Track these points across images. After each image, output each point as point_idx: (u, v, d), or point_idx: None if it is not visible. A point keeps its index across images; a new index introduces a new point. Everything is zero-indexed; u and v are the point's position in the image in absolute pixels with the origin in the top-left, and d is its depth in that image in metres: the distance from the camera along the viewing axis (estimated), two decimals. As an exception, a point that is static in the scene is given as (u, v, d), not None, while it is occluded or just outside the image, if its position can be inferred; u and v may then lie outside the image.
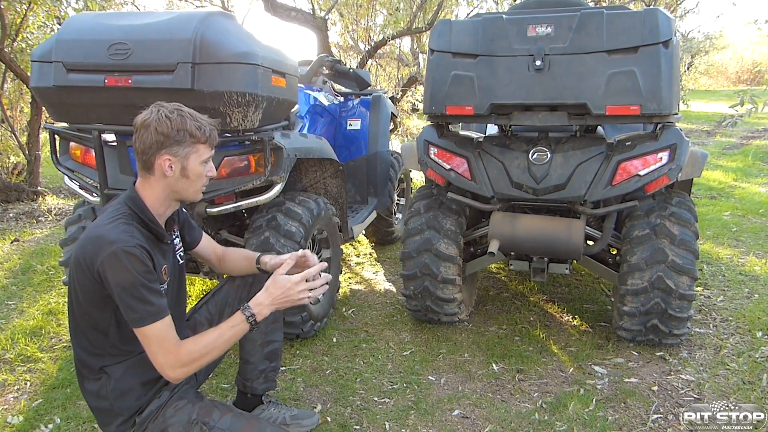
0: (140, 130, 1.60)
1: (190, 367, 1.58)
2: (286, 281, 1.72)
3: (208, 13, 2.32)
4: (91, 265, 1.52)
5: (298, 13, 6.97)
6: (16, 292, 3.70)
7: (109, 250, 1.49)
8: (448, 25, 2.58)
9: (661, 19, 2.26)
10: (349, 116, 4.13)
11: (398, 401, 2.43)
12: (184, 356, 1.56)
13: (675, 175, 2.45)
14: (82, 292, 1.58)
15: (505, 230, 2.69)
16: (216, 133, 1.69)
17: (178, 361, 1.55)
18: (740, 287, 3.50)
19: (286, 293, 1.72)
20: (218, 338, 1.63)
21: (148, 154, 1.60)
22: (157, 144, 1.59)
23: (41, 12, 6.11)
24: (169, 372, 1.55)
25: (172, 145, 1.60)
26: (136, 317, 1.52)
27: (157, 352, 1.54)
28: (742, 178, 6.79)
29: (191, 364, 1.58)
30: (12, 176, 6.71)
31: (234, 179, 2.52)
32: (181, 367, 1.56)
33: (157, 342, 1.54)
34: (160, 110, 1.61)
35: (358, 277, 4.01)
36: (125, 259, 1.49)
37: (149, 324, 1.52)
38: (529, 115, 2.55)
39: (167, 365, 1.55)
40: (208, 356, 1.62)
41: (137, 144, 1.61)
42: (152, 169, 1.63)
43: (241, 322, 1.67)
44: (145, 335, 1.54)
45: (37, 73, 2.40)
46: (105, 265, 1.49)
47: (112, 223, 1.57)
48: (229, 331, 1.66)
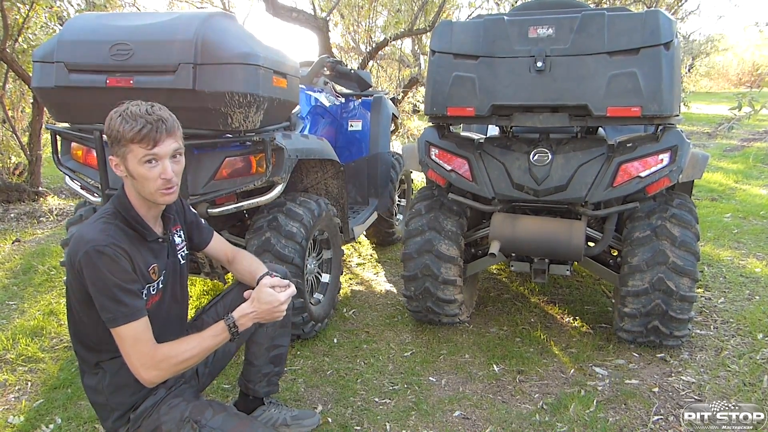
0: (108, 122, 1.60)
1: (164, 371, 1.56)
2: (273, 299, 1.72)
3: (209, 14, 2.32)
4: (73, 264, 1.54)
5: (299, 14, 6.97)
6: (17, 292, 3.71)
7: (84, 249, 1.50)
8: (450, 27, 2.58)
9: (663, 21, 2.26)
10: (350, 117, 4.13)
11: (399, 402, 2.43)
12: (159, 358, 1.55)
13: (676, 176, 2.45)
14: (71, 289, 1.60)
15: (505, 231, 2.69)
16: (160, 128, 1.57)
17: (153, 363, 1.54)
18: (741, 289, 3.50)
19: (271, 310, 1.72)
20: (198, 345, 1.62)
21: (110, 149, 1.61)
22: (110, 139, 1.58)
23: (43, 12, 6.12)
24: (143, 373, 1.53)
25: (114, 145, 1.58)
26: (109, 317, 1.52)
27: (131, 353, 1.53)
28: (742, 180, 6.78)
29: (167, 368, 1.56)
30: (13, 176, 6.72)
31: (235, 180, 2.52)
32: (155, 370, 1.54)
33: (130, 343, 1.53)
34: (116, 110, 1.59)
35: (358, 278, 4.01)
36: (97, 259, 1.50)
37: (122, 324, 1.52)
38: (530, 117, 2.55)
39: (140, 366, 1.53)
40: (186, 363, 1.60)
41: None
42: (114, 164, 1.62)
43: (223, 331, 1.66)
44: (119, 335, 1.53)
45: (39, 74, 2.41)
46: (82, 264, 1.51)
47: (94, 223, 1.59)
48: (210, 339, 1.65)
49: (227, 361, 2.08)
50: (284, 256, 2.64)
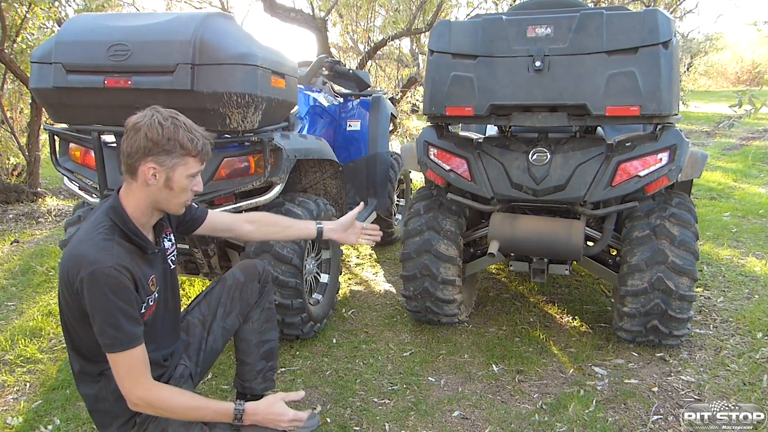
0: (130, 132, 1.54)
1: (155, 409, 1.54)
2: (284, 412, 1.68)
3: (207, 14, 2.32)
4: (71, 283, 1.49)
5: (297, 13, 6.97)
6: (15, 293, 3.70)
7: (88, 270, 1.45)
8: (448, 26, 2.58)
9: (661, 20, 2.26)
10: (349, 117, 4.12)
11: (398, 402, 2.43)
12: (155, 396, 1.52)
13: (675, 175, 2.45)
14: (66, 306, 1.57)
15: (504, 231, 2.69)
16: (209, 148, 1.63)
17: (147, 396, 1.51)
18: (740, 288, 3.50)
19: (277, 420, 1.68)
20: (197, 410, 1.58)
21: (134, 158, 1.54)
22: (144, 149, 1.53)
23: (41, 13, 6.11)
24: (133, 399, 1.51)
25: (160, 153, 1.53)
26: (107, 342, 1.49)
27: (125, 378, 1.51)
28: (741, 179, 6.78)
29: (159, 410, 1.54)
30: (12, 177, 6.71)
31: (233, 180, 2.52)
32: (146, 405, 1.52)
33: (125, 370, 1.50)
34: (154, 115, 1.55)
35: (357, 278, 4.01)
36: (103, 282, 1.45)
37: (119, 352, 1.49)
38: (528, 116, 2.55)
39: (133, 394, 1.51)
40: (176, 414, 1.57)
41: (125, 145, 1.55)
42: (135, 174, 1.57)
43: (226, 415, 1.61)
44: (114, 361, 1.50)
45: (37, 74, 2.40)
46: (83, 285, 1.46)
47: (92, 239, 1.52)
48: (212, 414, 1.61)
49: (215, 359, 2.07)
50: (283, 257, 2.64)
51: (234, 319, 2.04)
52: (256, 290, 2.07)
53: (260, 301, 2.09)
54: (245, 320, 2.08)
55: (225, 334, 2.03)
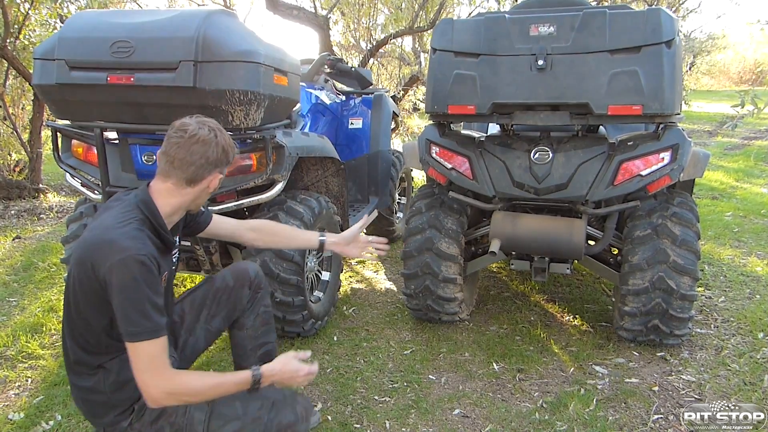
0: (201, 144, 1.58)
1: (177, 397, 1.53)
2: (299, 367, 1.72)
3: (210, 12, 2.32)
4: (97, 269, 1.47)
5: (299, 11, 6.96)
6: (17, 289, 3.71)
7: (119, 256, 1.45)
8: (451, 25, 2.57)
9: (664, 19, 2.26)
10: (351, 115, 4.12)
11: (399, 400, 2.43)
12: (177, 384, 1.51)
13: (677, 175, 2.45)
14: (81, 292, 1.55)
15: (506, 230, 2.69)
16: None
17: (169, 386, 1.50)
18: (742, 288, 3.50)
19: (294, 377, 1.72)
20: (218, 386, 1.59)
21: (204, 169, 1.60)
22: (216, 161, 1.62)
23: (44, 9, 6.12)
24: (154, 392, 1.49)
25: (224, 164, 1.67)
26: (133, 331, 1.47)
27: (145, 370, 1.48)
28: (743, 179, 6.78)
29: (180, 395, 1.53)
30: (14, 173, 6.72)
31: (236, 177, 2.52)
32: (168, 394, 1.50)
33: (147, 360, 1.48)
34: (216, 128, 1.63)
35: (358, 275, 4.01)
36: (136, 268, 1.45)
37: (144, 340, 1.47)
38: (530, 115, 2.55)
39: (153, 385, 1.48)
40: (199, 397, 1.57)
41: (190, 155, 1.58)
42: (198, 183, 1.63)
43: (246, 383, 1.64)
44: (136, 351, 1.48)
45: (40, 71, 2.41)
46: (113, 271, 1.45)
47: (123, 228, 1.52)
48: (233, 386, 1.63)
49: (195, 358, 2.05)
50: (284, 254, 2.65)
51: (220, 322, 2.01)
52: (246, 296, 2.04)
53: (253, 307, 2.06)
54: (239, 327, 2.05)
55: (208, 336, 2.01)
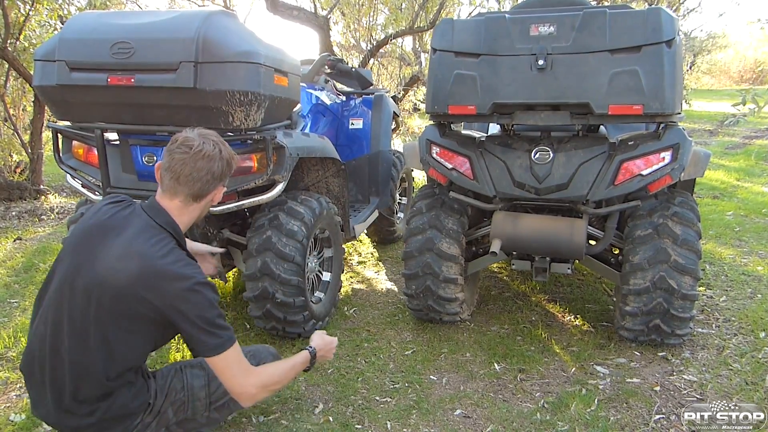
0: (205, 159, 1.59)
1: (268, 388, 1.66)
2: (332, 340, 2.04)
3: (210, 12, 2.32)
4: (154, 299, 1.51)
5: (299, 12, 6.96)
6: (18, 291, 3.71)
7: (186, 284, 1.52)
8: (451, 25, 2.57)
9: (665, 18, 2.25)
10: (351, 115, 4.12)
11: (400, 400, 2.43)
12: (265, 377, 1.64)
13: (678, 174, 2.44)
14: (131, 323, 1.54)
15: (507, 230, 2.68)
16: None
17: (260, 381, 1.61)
18: (743, 287, 3.50)
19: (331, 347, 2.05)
20: (292, 369, 1.79)
21: (210, 184, 1.63)
22: (221, 175, 1.65)
23: (44, 11, 6.12)
24: (252, 390, 1.59)
25: (228, 176, 1.69)
26: (218, 343, 1.54)
27: (238, 374, 1.57)
28: (744, 178, 6.77)
29: (270, 386, 1.66)
30: (14, 175, 6.72)
31: (236, 178, 2.52)
32: (262, 388, 1.63)
33: (237, 364, 1.57)
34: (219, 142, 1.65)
35: (359, 276, 4.01)
36: (206, 291, 1.54)
37: (229, 348, 1.56)
38: (531, 115, 2.55)
39: (250, 384, 1.58)
40: (281, 383, 1.76)
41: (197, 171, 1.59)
42: (204, 198, 1.66)
43: (307, 360, 1.88)
44: (226, 359, 1.55)
45: (40, 72, 2.41)
46: (182, 300, 1.51)
47: (171, 256, 1.56)
48: (300, 366, 1.85)
49: None
50: (285, 255, 2.65)
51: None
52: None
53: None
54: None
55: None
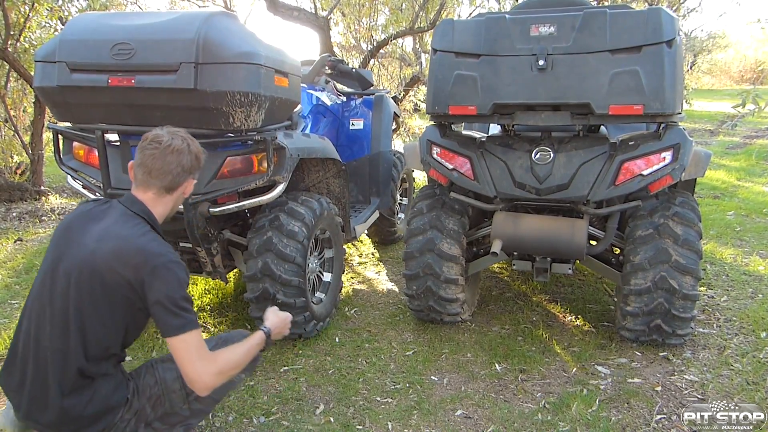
0: (174, 153, 1.69)
1: (224, 374, 1.63)
2: (286, 316, 1.95)
3: (210, 13, 2.32)
4: (129, 275, 1.56)
5: (300, 12, 6.96)
6: (19, 291, 3.71)
7: (159, 260, 1.57)
8: (451, 25, 2.57)
9: (665, 19, 2.25)
10: (352, 116, 4.12)
11: (401, 401, 2.43)
12: (222, 363, 1.62)
13: (678, 174, 2.44)
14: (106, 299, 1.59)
15: (507, 230, 2.68)
16: None
17: (216, 367, 1.60)
18: (744, 287, 3.49)
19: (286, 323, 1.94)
20: (248, 352, 1.73)
21: (180, 176, 1.71)
22: (191, 168, 1.74)
23: (44, 12, 6.12)
24: (207, 378, 1.58)
25: (197, 170, 1.78)
26: (179, 323, 1.56)
27: (195, 359, 1.57)
28: (745, 178, 6.76)
29: (226, 372, 1.64)
30: (15, 176, 6.73)
31: (237, 179, 2.52)
32: (218, 374, 1.60)
33: (195, 349, 1.58)
34: (188, 138, 1.74)
35: (360, 277, 4.01)
36: (177, 269, 1.59)
37: (189, 330, 1.57)
38: (532, 115, 2.55)
39: (205, 371, 1.57)
40: (238, 368, 1.70)
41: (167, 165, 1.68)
42: (176, 190, 1.74)
43: (262, 340, 1.81)
44: (185, 342, 1.56)
45: (41, 73, 2.41)
46: (154, 275, 1.55)
47: (145, 235, 1.62)
48: (256, 347, 1.78)
49: None
50: (286, 255, 2.65)
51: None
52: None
53: None
54: None
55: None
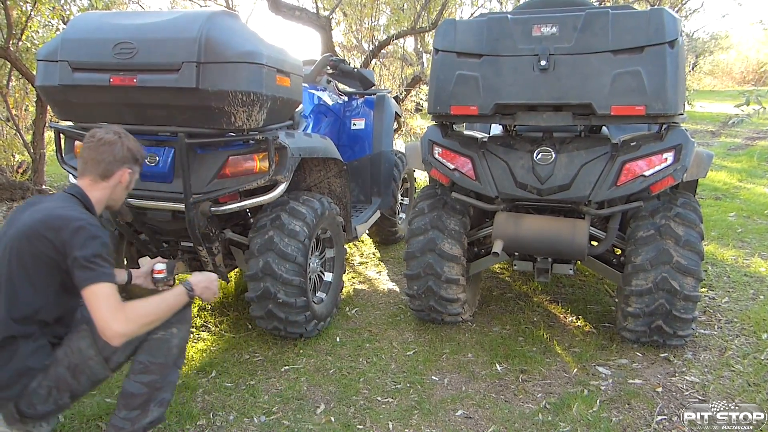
0: (107, 145, 1.91)
1: (134, 322, 1.70)
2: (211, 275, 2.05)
3: (212, 13, 2.32)
4: (55, 238, 1.70)
5: (302, 12, 6.96)
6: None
7: (78, 223, 1.72)
8: (453, 25, 2.57)
9: (667, 19, 2.25)
10: (353, 116, 4.12)
11: (402, 401, 2.43)
12: (130, 311, 1.70)
13: (680, 175, 2.44)
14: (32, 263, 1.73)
15: (509, 230, 2.68)
16: None
17: (124, 315, 1.67)
18: (745, 288, 3.49)
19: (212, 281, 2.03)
20: (162, 303, 1.82)
21: (114, 165, 1.92)
22: (123, 159, 1.94)
23: (46, 11, 6.13)
24: (115, 326, 1.65)
25: (133, 162, 1.98)
26: (90, 275, 1.67)
27: (105, 309, 1.66)
28: (747, 179, 6.75)
29: (136, 319, 1.71)
30: (17, 175, 6.73)
31: (238, 178, 2.52)
32: (126, 321, 1.67)
33: (105, 299, 1.67)
34: (122, 132, 1.97)
35: (361, 276, 4.01)
36: (93, 229, 1.74)
37: (99, 282, 1.67)
38: (533, 115, 2.55)
39: (114, 320, 1.65)
40: (152, 317, 1.77)
41: (99, 155, 1.90)
42: (110, 177, 1.93)
43: (182, 293, 1.90)
44: (94, 293, 1.67)
45: (43, 72, 2.42)
46: (75, 234, 1.70)
47: (73, 208, 1.80)
48: (172, 298, 1.87)
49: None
50: (287, 255, 2.65)
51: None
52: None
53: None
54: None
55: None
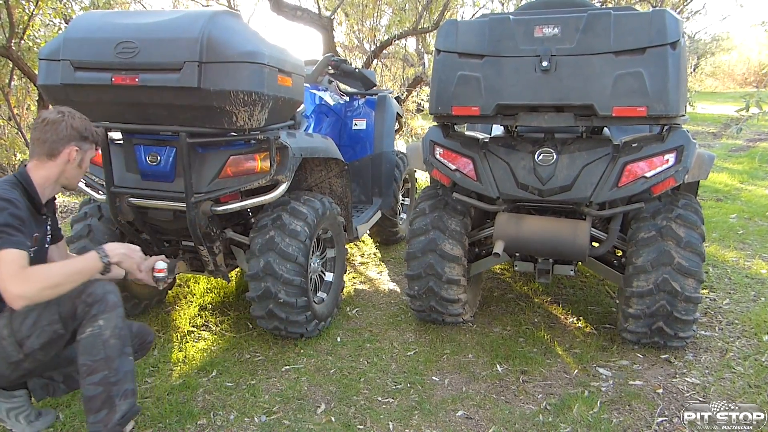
0: (51, 124, 1.92)
1: (34, 284, 1.68)
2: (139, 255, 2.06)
3: (214, 12, 2.33)
4: None
5: (303, 12, 6.97)
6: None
7: None
8: (455, 26, 2.57)
9: (669, 21, 2.25)
10: (355, 116, 4.12)
11: (402, 401, 2.43)
12: (31, 275, 1.71)
13: (681, 177, 2.44)
14: None
15: (510, 231, 2.68)
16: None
17: (25, 278, 1.67)
18: (746, 290, 3.49)
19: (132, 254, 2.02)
20: (70, 267, 1.83)
21: (59, 143, 1.93)
22: (69, 137, 1.94)
23: (48, 10, 6.14)
24: (12, 287, 1.66)
25: (80, 140, 1.97)
26: None
27: (4, 272, 1.67)
28: (748, 181, 6.75)
29: (38, 282, 1.70)
30: (18, 173, 6.74)
31: (239, 178, 2.52)
32: (24, 283, 1.67)
33: (7, 264, 1.67)
34: (66, 111, 1.97)
35: (362, 277, 4.01)
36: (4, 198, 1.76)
37: (6, 248, 1.68)
38: (535, 116, 2.55)
39: (11, 282, 1.66)
40: (55, 279, 1.74)
41: (44, 134, 1.92)
42: (57, 156, 1.94)
43: (95, 259, 1.88)
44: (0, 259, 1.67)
45: (45, 71, 2.42)
46: None
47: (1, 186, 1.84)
48: (85, 266, 1.85)
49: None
50: (288, 255, 2.65)
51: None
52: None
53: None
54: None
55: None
